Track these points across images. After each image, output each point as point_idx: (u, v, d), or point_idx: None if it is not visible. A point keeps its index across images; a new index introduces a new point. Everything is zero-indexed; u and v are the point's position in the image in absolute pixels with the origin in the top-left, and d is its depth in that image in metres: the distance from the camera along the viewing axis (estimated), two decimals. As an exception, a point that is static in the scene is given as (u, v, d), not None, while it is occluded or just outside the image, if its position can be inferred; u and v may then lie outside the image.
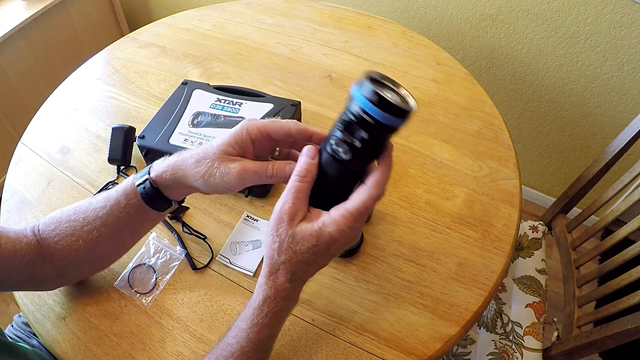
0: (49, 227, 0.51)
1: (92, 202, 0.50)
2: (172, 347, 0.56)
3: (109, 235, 0.50)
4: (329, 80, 0.92)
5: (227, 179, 0.43)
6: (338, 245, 0.40)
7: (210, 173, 0.44)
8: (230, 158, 0.44)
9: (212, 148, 0.44)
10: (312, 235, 0.39)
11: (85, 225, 0.49)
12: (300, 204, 0.40)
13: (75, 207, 0.51)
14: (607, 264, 0.80)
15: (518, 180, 0.74)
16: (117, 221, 0.49)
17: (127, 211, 0.48)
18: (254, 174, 0.43)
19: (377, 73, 0.39)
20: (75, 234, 0.49)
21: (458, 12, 1.29)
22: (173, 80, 0.92)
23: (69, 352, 0.56)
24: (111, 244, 0.52)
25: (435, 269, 0.63)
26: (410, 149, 0.79)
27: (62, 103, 0.89)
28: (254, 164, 0.44)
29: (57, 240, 0.49)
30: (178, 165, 0.46)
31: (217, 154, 0.44)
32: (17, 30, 1.43)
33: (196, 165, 0.44)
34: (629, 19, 1.07)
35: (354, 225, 0.40)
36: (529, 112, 1.42)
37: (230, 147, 0.44)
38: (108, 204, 0.48)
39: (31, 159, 0.79)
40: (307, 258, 0.40)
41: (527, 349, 0.82)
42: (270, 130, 0.44)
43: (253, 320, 0.43)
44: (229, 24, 1.07)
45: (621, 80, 1.19)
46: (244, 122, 0.44)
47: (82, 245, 0.49)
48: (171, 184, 0.47)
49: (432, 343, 0.56)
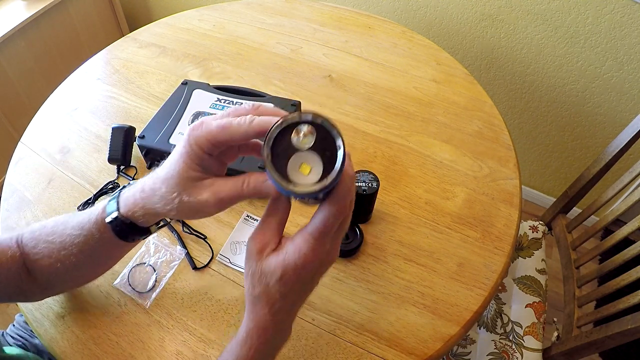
0: (30, 242, 0.48)
1: (68, 226, 0.46)
2: (171, 347, 0.56)
3: (87, 261, 0.47)
4: (329, 80, 0.92)
5: (204, 210, 0.38)
6: (309, 271, 0.37)
7: (182, 208, 0.38)
8: (197, 185, 0.37)
9: (172, 179, 0.38)
10: (278, 267, 0.36)
11: (62, 250, 0.46)
12: (270, 235, 0.38)
13: (53, 225, 0.47)
14: (607, 264, 0.80)
15: (518, 180, 0.74)
16: (93, 249, 0.46)
17: (101, 242, 0.45)
18: (232, 199, 0.38)
19: (284, 122, 0.33)
20: (53, 256, 0.46)
21: (458, 12, 1.29)
22: (173, 80, 0.92)
23: (67, 351, 0.56)
24: (90, 267, 0.51)
25: (435, 269, 0.63)
26: (410, 149, 0.79)
27: (62, 103, 0.89)
28: (226, 185, 0.37)
29: (37, 259, 0.47)
30: (146, 202, 0.40)
31: (181, 184, 0.37)
32: (17, 30, 1.43)
33: (164, 204, 0.39)
34: (629, 19, 1.07)
35: (319, 248, 0.36)
36: (529, 112, 1.42)
37: (191, 170, 0.37)
38: (82, 232, 0.45)
39: (31, 159, 0.79)
40: (280, 290, 0.37)
41: (527, 349, 0.82)
42: (222, 139, 0.36)
43: (238, 354, 0.41)
44: (229, 24, 1.07)
45: (621, 80, 1.19)
46: (189, 135, 0.37)
47: (60, 267, 0.47)
48: (144, 217, 0.42)
49: (432, 343, 0.56)
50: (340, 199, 0.35)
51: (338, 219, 0.36)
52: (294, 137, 0.33)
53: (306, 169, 0.34)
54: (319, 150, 0.34)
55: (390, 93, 0.89)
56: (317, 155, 0.34)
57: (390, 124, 0.83)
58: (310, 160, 0.34)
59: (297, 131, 0.33)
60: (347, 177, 0.35)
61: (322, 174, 0.34)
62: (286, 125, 0.33)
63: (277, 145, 0.33)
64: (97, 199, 0.71)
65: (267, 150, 0.33)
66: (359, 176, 0.64)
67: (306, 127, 0.33)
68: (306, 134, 0.33)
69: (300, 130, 0.33)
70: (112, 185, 0.73)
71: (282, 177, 0.33)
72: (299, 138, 0.33)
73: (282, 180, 0.33)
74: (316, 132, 0.34)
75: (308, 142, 0.34)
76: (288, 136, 0.33)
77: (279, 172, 0.33)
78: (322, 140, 0.34)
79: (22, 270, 0.49)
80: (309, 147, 0.34)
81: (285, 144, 0.34)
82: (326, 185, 0.33)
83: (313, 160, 0.34)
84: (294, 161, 0.34)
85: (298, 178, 0.34)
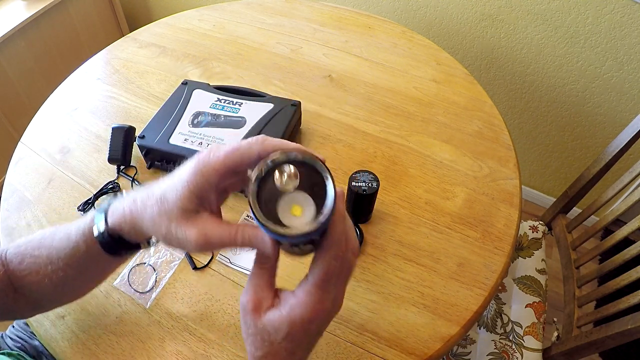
0: (16, 258, 0.45)
1: (55, 238, 0.43)
2: (171, 346, 0.56)
3: (75, 276, 0.45)
4: (329, 80, 0.92)
5: (185, 246, 0.36)
6: (318, 323, 0.35)
7: (168, 237, 0.36)
8: (188, 218, 0.35)
9: (166, 203, 0.35)
10: (283, 323, 0.34)
11: (49, 264, 0.43)
12: (262, 292, 0.36)
13: (40, 238, 0.45)
14: (607, 264, 0.80)
15: (518, 180, 0.74)
16: (80, 263, 0.44)
17: (89, 256, 0.43)
18: (220, 245, 0.35)
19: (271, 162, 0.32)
20: (41, 272, 0.44)
21: (458, 12, 1.29)
22: (173, 80, 0.92)
23: (67, 351, 0.56)
24: (79, 282, 0.48)
25: (435, 269, 0.63)
26: (410, 149, 0.79)
27: (62, 103, 0.89)
28: (218, 229, 0.35)
29: (24, 275, 0.45)
30: (135, 218, 0.38)
31: (173, 212, 0.35)
32: (17, 30, 1.43)
33: (152, 225, 0.36)
34: (629, 19, 1.07)
35: (325, 298, 0.34)
36: (529, 112, 1.42)
37: (188, 201, 0.35)
38: (69, 245, 0.42)
39: (31, 159, 0.79)
40: (287, 346, 0.35)
41: (527, 349, 0.82)
42: (231, 164, 0.34)
43: None
44: (229, 24, 1.07)
45: (621, 80, 1.19)
46: (198, 163, 0.35)
47: (48, 283, 0.45)
48: (132, 232, 0.39)
49: (432, 343, 0.56)
50: (335, 241, 0.34)
51: (338, 262, 0.34)
52: (278, 179, 0.31)
53: (297, 210, 0.32)
54: (307, 189, 0.32)
55: (390, 93, 0.89)
56: (306, 194, 0.32)
57: (390, 124, 0.83)
58: (301, 201, 0.32)
59: (280, 172, 0.31)
60: (339, 216, 0.34)
61: (316, 213, 0.32)
62: (268, 169, 0.31)
63: (262, 191, 0.32)
64: (97, 198, 0.71)
65: (253, 197, 0.31)
66: (359, 176, 0.64)
67: (288, 168, 0.31)
68: (290, 174, 0.31)
69: (283, 171, 0.31)
70: (112, 185, 0.73)
71: (275, 223, 0.31)
72: (283, 180, 0.31)
73: (275, 227, 0.30)
74: (302, 168, 0.32)
75: (293, 183, 0.31)
76: (272, 179, 0.32)
77: (270, 218, 0.31)
78: (309, 177, 0.32)
79: (8, 289, 0.46)
80: (295, 188, 0.32)
81: (271, 188, 0.32)
82: (322, 222, 0.30)
83: (304, 200, 0.32)
84: (283, 204, 0.32)
85: (290, 221, 0.32)
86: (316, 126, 0.83)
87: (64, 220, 0.69)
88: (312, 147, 0.79)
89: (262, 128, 0.72)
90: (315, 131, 0.82)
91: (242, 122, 0.73)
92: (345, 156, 0.77)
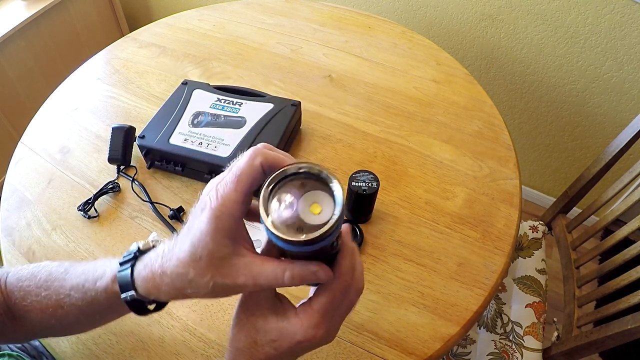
0: (17, 291, 0.44)
1: (66, 285, 0.41)
2: (171, 347, 0.56)
3: (88, 320, 0.44)
4: (329, 80, 0.92)
5: (242, 291, 0.35)
6: (305, 346, 0.35)
7: (217, 291, 0.33)
8: (232, 265, 0.33)
9: (201, 261, 0.32)
10: (273, 329, 0.34)
11: (59, 308, 0.42)
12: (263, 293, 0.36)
13: (46, 279, 0.43)
14: (607, 264, 0.80)
15: (518, 180, 0.74)
16: (97, 313, 0.42)
17: (110, 310, 0.41)
18: (266, 285, 0.33)
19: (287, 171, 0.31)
20: (48, 312, 0.42)
21: (458, 12, 1.29)
22: (173, 80, 0.92)
23: (67, 351, 0.56)
24: (91, 325, 0.48)
25: (435, 269, 0.63)
26: (410, 149, 0.79)
27: (62, 103, 0.89)
28: (266, 271, 0.32)
29: (27, 310, 0.43)
30: (171, 287, 0.35)
31: (213, 266, 0.32)
32: (17, 30, 1.43)
33: (195, 288, 0.34)
34: (629, 19, 1.07)
35: (322, 325, 0.34)
36: (529, 112, 1.42)
37: (222, 247, 0.32)
38: (85, 298, 0.40)
39: (31, 159, 0.79)
40: (268, 352, 0.35)
41: (527, 349, 0.82)
42: (246, 189, 0.32)
43: None
44: (229, 24, 1.07)
45: (621, 80, 1.19)
46: (211, 210, 0.32)
47: (55, 324, 0.44)
48: (168, 297, 0.37)
49: (432, 343, 0.56)
50: (343, 272, 0.34)
51: (342, 295, 0.34)
52: (276, 208, 0.31)
53: (317, 208, 0.31)
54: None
55: (390, 93, 0.89)
56: (325, 192, 0.31)
57: (390, 124, 0.83)
58: (320, 199, 0.31)
59: (280, 200, 0.31)
60: (349, 249, 0.34)
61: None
62: (274, 183, 0.31)
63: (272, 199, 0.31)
64: (97, 198, 0.71)
65: (265, 215, 0.30)
66: (359, 176, 0.64)
67: (288, 197, 0.31)
68: (290, 201, 0.31)
69: (283, 200, 0.31)
70: (112, 185, 0.73)
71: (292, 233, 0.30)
72: (280, 210, 0.31)
73: (293, 235, 0.30)
74: (307, 180, 0.31)
75: (291, 209, 0.31)
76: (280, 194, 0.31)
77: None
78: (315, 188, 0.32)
79: (6, 316, 0.44)
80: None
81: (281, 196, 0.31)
82: (334, 220, 0.30)
83: (322, 199, 0.31)
84: (302, 203, 0.31)
85: (310, 218, 0.31)
86: (316, 126, 0.83)
87: (63, 220, 0.69)
88: (312, 147, 0.79)
89: (262, 128, 0.72)
90: (315, 131, 0.82)
91: (242, 122, 0.73)
92: (345, 156, 0.77)
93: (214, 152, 0.69)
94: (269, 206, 0.31)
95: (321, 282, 0.34)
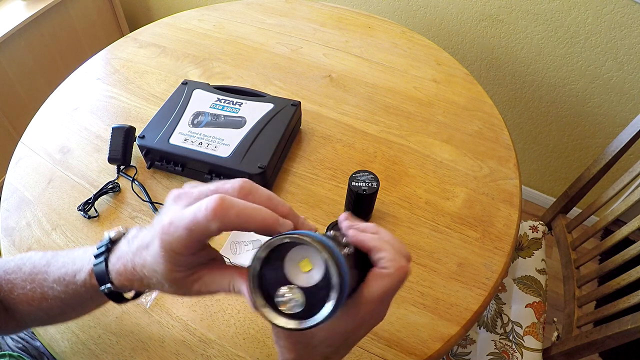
0: (5, 282, 0.44)
1: (49, 278, 0.42)
2: (171, 347, 0.56)
3: (73, 310, 0.46)
4: (329, 80, 0.92)
5: (198, 296, 0.36)
6: (360, 333, 0.35)
7: (177, 293, 0.36)
8: (186, 281, 0.35)
9: (158, 275, 0.34)
10: (323, 328, 0.32)
11: (43, 301, 0.43)
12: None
13: (30, 272, 0.43)
14: (607, 264, 0.80)
15: (518, 180, 0.74)
16: (80, 304, 0.43)
17: (92, 300, 0.42)
18: (223, 292, 0.35)
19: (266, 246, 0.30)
20: (34, 305, 0.43)
21: (458, 12, 1.29)
22: (173, 80, 0.92)
23: (67, 351, 0.56)
24: (76, 313, 0.48)
25: (435, 269, 0.63)
26: (410, 149, 0.79)
27: (62, 103, 0.89)
28: (214, 283, 0.35)
29: (15, 303, 0.44)
30: (140, 282, 0.36)
31: (168, 281, 0.34)
32: (17, 30, 1.43)
33: (159, 287, 0.36)
34: (629, 19, 1.07)
35: (379, 309, 0.34)
36: (529, 112, 1.42)
37: (174, 272, 0.34)
38: (67, 290, 0.41)
39: (31, 159, 0.79)
40: (324, 351, 0.34)
41: (527, 349, 0.82)
42: (194, 243, 0.32)
43: None
44: (229, 24, 1.07)
45: (621, 80, 1.19)
46: (160, 240, 0.32)
47: (43, 315, 0.45)
48: (140, 288, 0.38)
49: (432, 343, 0.56)
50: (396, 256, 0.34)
51: (400, 276, 0.34)
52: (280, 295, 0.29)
53: (307, 266, 0.30)
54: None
55: (390, 93, 0.89)
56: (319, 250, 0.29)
57: (390, 124, 0.83)
58: (313, 256, 0.30)
59: (281, 303, 0.29)
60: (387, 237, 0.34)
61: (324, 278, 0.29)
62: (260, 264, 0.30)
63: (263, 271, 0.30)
64: (97, 198, 0.71)
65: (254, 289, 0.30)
66: (359, 176, 0.64)
67: (288, 291, 0.29)
68: (294, 293, 0.29)
69: (285, 302, 0.29)
70: (112, 185, 0.73)
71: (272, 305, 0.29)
72: (287, 301, 0.29)
73: (275, 316, 0.29)
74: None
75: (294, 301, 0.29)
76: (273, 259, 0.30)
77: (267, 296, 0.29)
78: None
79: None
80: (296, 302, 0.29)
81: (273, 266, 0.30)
82: (317, 323, 0.28)
83: (315, 256, 0.30)
84: (292, 255, 0.30)
85: (296, 276, 0.30)
86: (316, 126, 0.83)
87: (63, 220, 0.69)
88: (312, 147, 0.79)
89: (262, 128, 0.72)
90: (315, 131, 0.82)
91: (242, 122, 0.73)
92: (345, 156, 0.77)
93: (214, 152, 0.69)
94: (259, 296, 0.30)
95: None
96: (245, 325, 0.58)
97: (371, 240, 0.35)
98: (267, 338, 0.57)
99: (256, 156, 0.68)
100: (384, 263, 0.33)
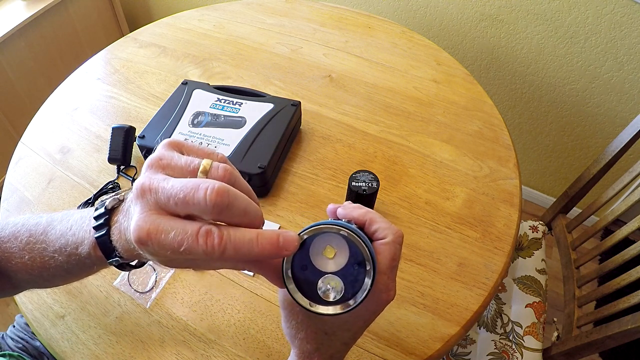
0: (1, 251, 0.43)
1: (49, 249, 0.41)
2: (171, 347, 0.56)
3: (74, 277, 0.45)
4: (329, 80, 0.92)
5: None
6: (377, 313, 0.36)
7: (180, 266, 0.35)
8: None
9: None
10: (342, 315, 0.33)
11: (44, 270, 0.42)
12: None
13: (27, 241, 0.42)
14: (607, 264, 0.80)
15: (518, 180, 0.74)
16: (84, 271, 0.43)
17: (97, 267, 0.42)
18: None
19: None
20: (34, 273, 0.43)
21: (458, 12, 1.29)
22: (173, 80, 0.92)
23: (67, 351, 0.56)
24: (76, 278, 0.47)
25: (435, 269, 0.63)
26: (410, 149, 0.79)
27: (62, 103, 0.89)
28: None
29: (14, 270, 0.43)
30: (145, 258, 0.36)
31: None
32: (17, 30, 1.43)
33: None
34: (629, 19, 1.07)
35: (390, 283, 0.34)
36: (529, 112, 1.42)
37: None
38: (70, 260, 0.40)
39: (31, 159, 0.79)
40: (343, 336, 0.34)
41: (527, 349, 0.82)
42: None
43: None
44: (229, 24, 1.07)
45: (621, 80, 1.19)
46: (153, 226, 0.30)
47: (43, 281, 0.44)
48: (148, 259, 0.37)
49: (432, 343, 0.56)
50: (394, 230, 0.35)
51: (399, 245, 0.34)
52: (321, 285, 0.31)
53: (330, 252, 0.31)
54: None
55: (390, 93, 0.89)
56: (344, 240, 0.31)
57: (390, 124, 0.83)
58: (336, 243, 0.31)
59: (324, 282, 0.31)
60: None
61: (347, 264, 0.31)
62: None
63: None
64: (97, 198, 0.71)
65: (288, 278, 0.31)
66: (359, 176, 0.64)
67: (326, 281, 0.31)
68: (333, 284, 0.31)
69: (323, 287, 0.31)
70: (112, 185, 0.73)
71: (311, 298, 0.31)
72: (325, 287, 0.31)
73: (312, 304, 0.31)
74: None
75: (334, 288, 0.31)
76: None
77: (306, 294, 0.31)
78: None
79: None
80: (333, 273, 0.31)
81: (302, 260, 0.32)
82: (351, 307, 0.30)
83: (338, 243, 0.31)
84: (318, 243, 0.31)
85: (320, 261, 0.31)
86: (316, 126, 0.83)
87: (64, 220, 0.69)
88: (312, 147, 0.79)
89: (262, 128, 0.72)
90: (315, 131, 0.82)
91: (242, 122, 0.73)
92: (345, 156, 0.77)
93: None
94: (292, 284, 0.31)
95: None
96: (245, 325, 0.58)
97: (365, 214, 0.36)
98: (267, 338, 0.57)
99: (256, 156, 0.69)
100: (382, 233, 0.34)
